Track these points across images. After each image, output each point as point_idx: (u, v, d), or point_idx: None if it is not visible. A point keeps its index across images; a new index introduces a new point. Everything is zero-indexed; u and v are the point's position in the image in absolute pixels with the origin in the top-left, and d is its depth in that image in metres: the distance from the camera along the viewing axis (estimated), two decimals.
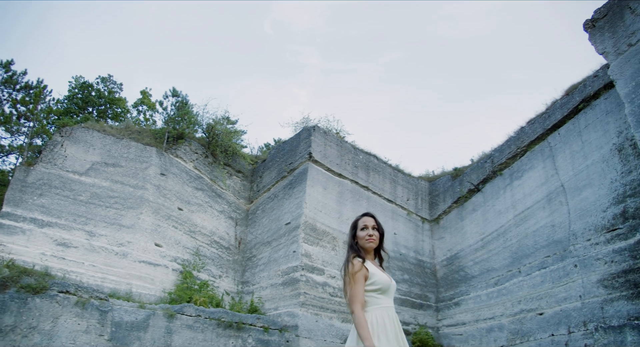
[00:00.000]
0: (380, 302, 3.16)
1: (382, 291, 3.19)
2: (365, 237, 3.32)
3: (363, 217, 3.41)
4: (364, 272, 3.15)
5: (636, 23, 9.65)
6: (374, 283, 3.16)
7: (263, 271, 13.57)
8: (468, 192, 15.26)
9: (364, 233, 3.33)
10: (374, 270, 3.21)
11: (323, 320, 12.24)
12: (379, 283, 3.17)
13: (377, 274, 3.21)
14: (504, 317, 12.48)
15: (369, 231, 3.34)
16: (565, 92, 12.27)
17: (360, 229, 3.35)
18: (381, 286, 3.18)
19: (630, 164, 9.97)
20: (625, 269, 9.40)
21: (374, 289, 3.16)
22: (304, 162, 14.04)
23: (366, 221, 3.38)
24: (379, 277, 3.19)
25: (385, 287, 3.19)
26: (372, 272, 3.18)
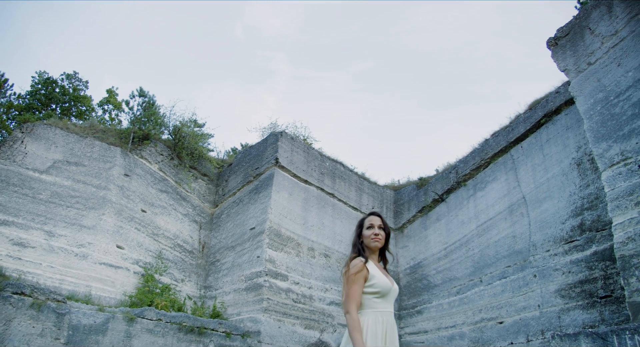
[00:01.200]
0: (377, 306, 3.06)
1: (381, 295, 3.09)
2: (371, 236, 3.23)
3: (369, 216, 3.33)
4: (364, 273, 3.06)
5: (595, 43, 10.03)
6: (373, 286, 3.07)
7: (226, 275, 13.43)
8: (432, 201, 15.48)
9: (370, 232, 3.24)
10: (375, 272, 3.12)
11: (286, 326, 12.19)
12: (378, 286, 3.07)
13: (378, 277, 3.11)
14: (465, 325, 12.68)
15: (375, 229, 3.26)
16: (528, 106, 12.63)
17: (366, 228, 3.26)
18: (380, 289, 3.08)
19: (588, 178, 10.32)
20: (582, 280, 9.71)
21: (372, 291, 3.07)
22: (270, 168, 14.01)
23: (372, 219, 3.30)
24: (379, 280, 3.09)
25: (385, 291, 3.09)
26: (372, 274, 3.09)
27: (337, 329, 13.36)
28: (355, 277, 3.01)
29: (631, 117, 8.88)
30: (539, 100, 12.27)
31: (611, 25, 9.75)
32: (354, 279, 3.01)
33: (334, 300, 13.73)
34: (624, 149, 8.89)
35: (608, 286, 9.29)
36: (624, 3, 9.56)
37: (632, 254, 8.22)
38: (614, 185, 8.93)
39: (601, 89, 9.66)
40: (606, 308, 9.22)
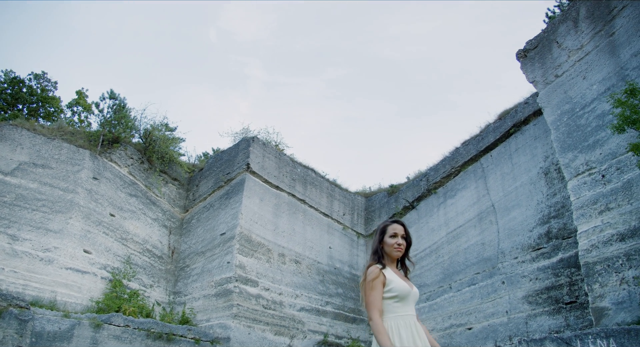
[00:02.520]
0: (397, 310, 3.07)
1: (400, 299, 3.09)
2: (394, 245, 3.23)
3: (393, 224, 3.30)
4: (382, 278, 3.06)
5: (562, 56, 10.33)
6: (391, 290, 3.07)
7: (196, 281, 13.27)
8: (403, 209, 15.63)
9: (394, 241, 3.24)
10: (392, 277, 3.12)
11: (256, 332, 12.10)
12: (396, 290, 3.08)
13: (395, 281, 3.11)
14: (435, 331, 12.81)
15: (399, 239, 3.26)
16: (498, 116, 12.90)
17: (390, 236, 3.25)
18: (398, 293, 3.09)
19: (555, 187, 10.58)
20: (548, 286, 9.93)
21: (391, 296, 3.07)
22: (242, 173, 13.95)
23: (397, 228, 3.28)
24: (396, 285, 3.10)
25: (403, 295, 3.10)
26: (389, 279, 3.09)
27: (307, 336, 13.33)
28: (373, 284, 3.03)
29: (595, 129, 9.16)
30: (509, 111, 12.55)
31: (577, 40, 10.06)
32: (372, 286, 3.03)
33: (304, 306, 13.70)
34: (589, 159, 9.16)
35: (573, 292, 9.53)
36: (589, 19, 9.89)
37: (595, 261, 8.46)
38: (579, 194, 9.19)
39: (568, 100, 9.95)
40: (571, 314, 9.45)
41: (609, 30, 9.40)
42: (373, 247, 3.28)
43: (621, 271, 8.02)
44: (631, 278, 7.85)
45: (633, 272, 7.84)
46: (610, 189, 8.60)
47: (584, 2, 10.09)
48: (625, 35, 9.04)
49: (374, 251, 3.26)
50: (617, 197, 8.43)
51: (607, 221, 8.48)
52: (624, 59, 8.99)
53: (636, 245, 7.92)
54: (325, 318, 14.18)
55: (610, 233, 8.36)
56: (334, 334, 14.12)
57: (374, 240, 3.32)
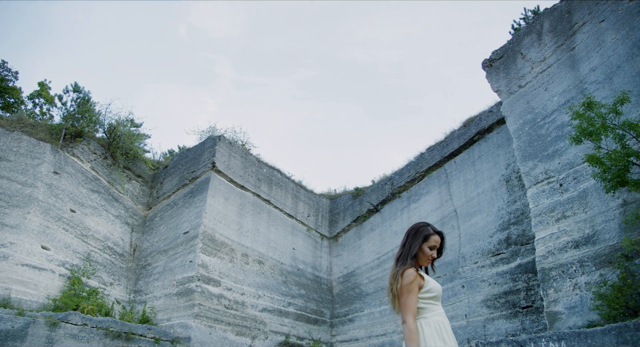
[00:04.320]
0: (436, 309, 3.10)
1: (437, 298, 3.14)
2: (430, 256, 3.22)
3: (436, 235, 3.26)
4: (419, 281, 3.05)
5: (526, 67, 10.64)
6: (430, 290, 3.09)
7: (158, 280, 13.09)
8: (367, 212, 15.78)
9: (431, 253, 3.22)
10: (427, 278, 3.15)
11: (217, 332, 12.02)
12: (434, 291, 3.11)
13: (432, 281, 3.14)
14: (395, 333, 12.97)
15: (434, 252, 3.26)
16: (463, 123, 13.17)
17: (429, 247, 3.22)
18: (436, 293, 3.12)
19: (515, 195, 10.88)
20: (506, 291, 10.21)
21: (431, 296, 3.09)
22: (207, 172, 13.84)
23: (437, 241, 3.26)
24: (434, 285, 3.13)
25: (439, 294, 3.15)
26: (427, 279, 3.12)
27: (269, 336, 13.31)
28: (411, 287, 3.01)
29: (555, 139, 9.47)
30: (473, 118, 12.83)
31: (540, 52, 10.37)
32: (410, 289, 3.01)
33: (266, 307, 13.68)
34: (548, 168, 9.45)
35: (530, 296, 9.81)
36: (552, 33, 10.21)
37: (551, 267, 8.75)
38: (537, 202, 9.48)
39: (530, 111, 10.24)
40: (527, 318, 9.73)
41: (570, 44, 9.73)
42: (413, 251, 3.20)
43: (575, 276, 8.31)
44: (583, 284, 8.15)
45: (585, 278, 8.14)
46: (567, 197, 8.90)
47: (548, 16, 10.41)
48: (585, 50, 9.37)
49: (412, 256, 3.18)
50: (573, 205, 8.74)
51: (563, 228, 8.77)
52: (583, 73, 9.32)
53: (589, 252, 8.22)
54: (287, 319, 14.18)
55: (565, 240, 8.66)
56: (295, 335, 14.14)
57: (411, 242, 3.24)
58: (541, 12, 10.83)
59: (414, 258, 3.16)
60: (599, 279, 7.83)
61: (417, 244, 3.21)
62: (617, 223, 7.94)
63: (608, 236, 8.02)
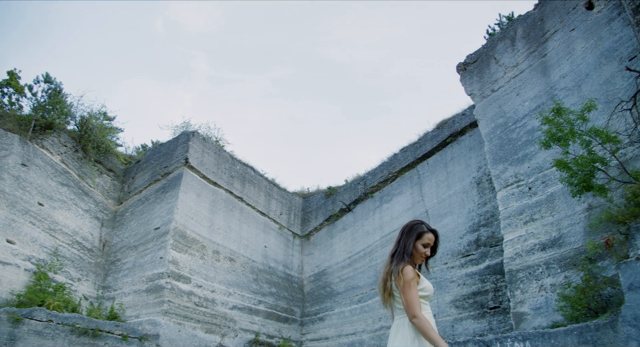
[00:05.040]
0: (425, 308, 3.15)
1: (428, 298, 3.21)
2: (423, 254, 3.29)
3: (430, 233, 3.32)
4: (417, 278, 3.13)
5: (499, 72, 10.84)
6: (424, 289, 3.16)
7: (127, 276, 12.92)
8: (340, 211, 15.85)
9: (424, 250, 3.29)
10: (422, 277, 3.22)
11: (186, 330, 11.93)
12: (427, 290, 3.19)
13: (426, 282, 3.21)
14: (365, 333, 13.08)
15: (428, 250, 3.32)
16: (436, 125, 13.33)
17: (423, 245, 3.28)
18: (429, 293, 3.20)
19: (486, 197, 11.07)
20: (475, 292, 10.39)
21: (423, 295, 3.15)
22: (180, 167, 13.73)
23: (431, 239, 3.32)
24: (427, 285, 3.21)
25: (431, 294, 3.24)
26: (422, 278, 3.19)
27: (238, 334, 13.27)
28: (411, 283, 3.06)
29: (525, 143, 9.67)
30: (447, 121, 13.00)
31: (513, 58, 10.58)
32: (411, 285, 3.06)
33: (236, 304, 13.63)
34: (518, 171, 9.65)
35: (497, 297, 10.01)
36: (525, 39, 10.42)
37: (518, 269, 8.94)
38: (507, 204, 9.67)
39: (502, 115, 10.44)
40: (495, 318, 9.92)
41: (542, 51, 9.95)
42: (408, 248, 3.25)
43: (541, 278, 8.51)
44: (549, 285, 8.35)
45: (551, 280, 8.34)
46: (535, 201, 9.10)
47: (522, 23, 10.62)
48: (556, 57, 9.60)
49: (408, 253, 3.24)
50: (541, 209, 8.94)
51: (531, 231, 8.97)
52: (553, 79, 9.54)
53: (555, 254, 8.43)
54: (257, 317, 14.16)
55: (533, 243, 8.86)
56: (265, 334, 14.13)
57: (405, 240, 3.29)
58: (515, 19, 11.04)
59: (409, 255, 3.22)
60: (564, 281, 8.04)
61: (411, 242, 3.26)
62: (582, 227, 8.16)
63: (573, 239, 8.24)
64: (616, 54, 8.48)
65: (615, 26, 8.62)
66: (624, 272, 6.08)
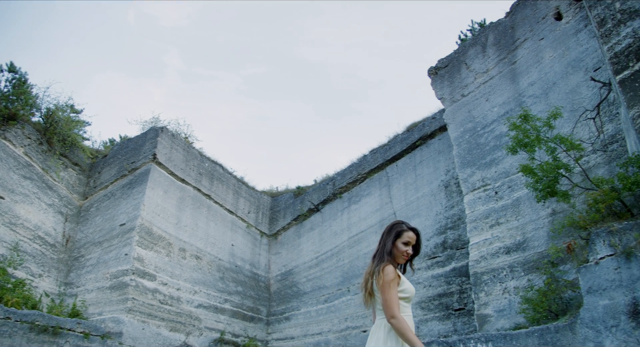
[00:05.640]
0: (406, 310, 3.15)
1: (409, 300, 3.20)
2: (405, 253, 3.27)
3: (410, 231, 3.32)
4: (398, 279, 3.11)
5: (469, 77, 11.02)
6: (404, 291, 3.15)
7: (90, 272, 12.65)
8: (308, 211, 15.86)
9: (405, 248, 3.27)
10: (403, 278, 3.20)
11: (150, 328, 11.75)
12: (408, 292, 3.17)
13: (407, 282, 3.20)
14: (331, 333, 13.11)
15: (409, 248, 3.31)
16: (406, 128, 13.47)
17: (403, 243, 3.28)
18: (409, 294, 3.18)
19: (453, 200, 11.24)
20: (440, 293, 10.53)
21: (403, 297, 3.14)
22: (147, 163, 13.52)
23: (412, 237, 3.31)
24: (408, 286, 3.19)
25: (412, 296, 3.22)
26: (402, 279, 3.17)
27: (203, 333, 13.14)
28: (392, 284, 3.06)
29: (493, 148, 9.86)
30: (417, 124, 13.14)
31: (484, 64, 10.77)
32: (391, 285, 3.06)
33: (202, 303, 13.50)
34: (485, 176, 9.84)
35: (462, 299, 10.18)
36: (496, 46, 10.63)
37: (483, 271, 9.11)
38: (473, 208, 9.84)
39: (471, 119, 10.62)
40: (459, 320, 10.08)
41: (512, 58, 10.16)
42: (387, 247, 3.26)
43: (505, 281, 8.69)
44: (512, 288, 8.53)
45: (514, 282, 8.53)
46: (501, 205, 9.29)
47: (493, 30, 10.82)
48: (525, 65, 9.81)
49: (388, 252, 3.24)
50: (507, 213, 9.13)
51: (497, 234, 9.15)
52: (522, 86, 9.76)
53: (519, 258, 8.62)
54: (223, 316, 14.05)
55: (498, 246, 9.04)
56: (231, 332, 14.03)
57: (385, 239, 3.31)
58: (487, 26, 11.24)
59: (390, 255, 3.22)
60: (527, 284, 8.23)
61: (391, 240, 3.28)
62: (545, 231, 8.36)
63: (537, 243, 8.44)
64: (582, 64, 8.72)
65: (582, 37, 8.86)
66: (583, 276, 6.26)
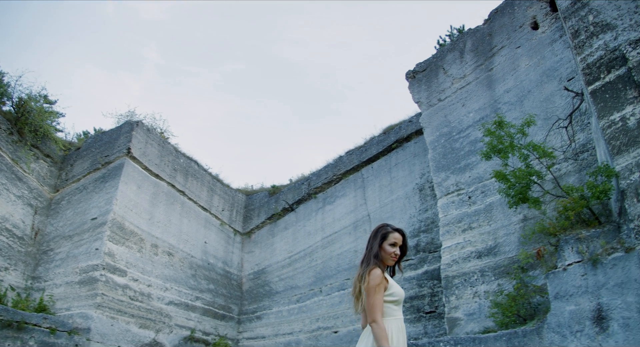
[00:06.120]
0: (395, 313, 3.19)
1: (398, 303, 3.22)
2: (392, 254, 3.30)
3: (395, 233, 3.36)
4: (385, 283, 3.15)
5: (447, 82, 11.14)
6: (392, 294, 3.18)
7: (59, 266, 12.42)
8: (282, 210, 15.84)
9: (392, 250, 3.30)
10: (392, 281, 3.23)
11: (119, 324, 11.59)
12: (396, 295, 3.20)
13: (395, 286, 3.22)
14: (302, 333, 13.12)
15: (397, 249, 3.33)
16: (383, 130, 13.55)
17: (390, 244, 3.31)
18: (398, 297, 3.21)
19: (427, 204, 11.34)
20: (412, 296, 10.63)
21: (392, 300, 3.18)
22: (122, 157, 13.33)
23: (398, 238, 3.34)
24: (397, 289, 3.22)
25: (401, 299, 3.24)
26: (391, 283, 3.20)
27: (173, 330, 13.02)
28: (377, 288, 3.09)
29: (468, 153, 9.98)
30: (393, 126, 13.23)
31: (461, 69, 10.89)
32: (377, 290, 3.09)
33: (173, 300, 13.37)
34: (459, 180, 9.95)
35: (434, 302, 10.28)
36: (473, 52, 10.76)
37: (454, 275, 9.22)
38: (447, 212, 9.95)
39: (447, 124, 10.73)
40: (430, 322, 10.19)
41: (489, 65, 10.30)
42: (374, 250, 3.29)
43: (475, 285, 8.81)
44: (483, 292, 8.66)
45: (485, 287, 8.65)
46: (474, 210, 9.41)
47: (471, 36, 10.95)
48: (501, 72, 9.96)
49: (374, 255, 3.27)
50: (479, 217, 9.26)
51: (469, 239, 9.27)
52: (498, 93, 9.90)
53: (490, 262, 8.75)
54: (194, 313, 13.94)
55: (469, 250, 9.16)
56: (201, 330, 13.93)
57: (372, 243, 3.35)
58: (465, 32, 11.37)
59: (377, 258, 3.26)
60: (497, 289, 8.36)
61: (377, 243, 3.32)
62: (516, 237, 8.50)
63: (508, 248, 8.57)
64: (556, 74, 8.89)
65: (557, 47, 9.04)
66: (551, 281, 6.39)
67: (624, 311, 5.49)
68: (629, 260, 5.57)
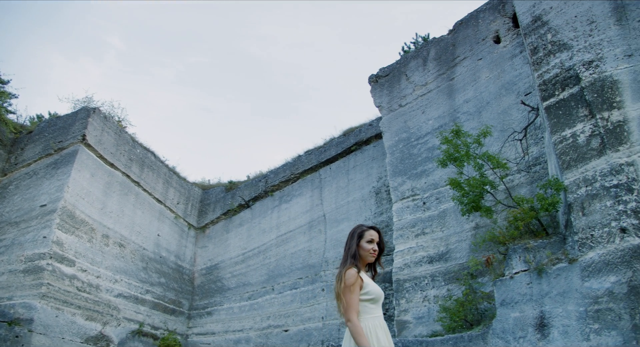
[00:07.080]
0: (372, 311, 3.21)
1: (375, 301, 3.24)
2: (370, 251, 3.33)
3: (370, 230, 3.41)
4: (360, 282, 3.16)
5: (408, 88, 11.32)
6: (368, 293, 3.19)
7: (3, 254, 11.97)
8: (238, 206, 15.75)
9: (370, 246, 3.34)
10: (368, 280, 3.24)
11: (65, 316, 11.28)
12: (372, 293, 3.21)
13: (371, 284, 3.25)
14: (253, 330, 13.09)
15: (374, 245, 3.37)
16: (343, 132, 13.66)
17: (367, 241, 3.35)
18: (374, 296, 3.23)
19: (383, 207, 11.51)
20: None
21: (368, 298, 3.20)
22: (76, 144, 12.97)
23: (374, 235, 3.39)
24: (373, 288, 3.23)
25: (378, 297, 3.26)
26: (366, 282, 3.21)
27: (121, 323, 12.76)
28: (352, 288, 3.13)
29: (425, 160, 10.19)
30: (354, 129, 13.36)
31: (423, 77, 11.10)
32: (352, 289, 3.12)
33: (122, 292, 13.11)
34: (415, 186, 10.14)
35: (384, 305, 10.44)
36: (436, 61, 10.98)
37: (406, 279, 9.40)
38: (401, 216, 10.13)
39: (406, 130, 10.91)
40: None
41: (450, 74, 10.53)
42: (351, 250, 3.34)
43: (425, 289, 9.01)
44: (432, 296, 8.86)
45: (435, 291, 8.86)
46: (428, 215, 9.62)
47: (435, 45, 11.17)
48: (462, 83, 10.21)
49: (352, 255, 3.32)
50: (433, 223, 9.46)
51: (421, 244, 9.46)
52: (457, 102, 10.14)
53: (441, 268, 8.96)
54: (143, 307, 13.70)
55: (421, 255, 9.35)
56: (150, 324, 13.70)
57: (349, 243, 3.39)
58: (430, 40, 11.59)
59: (354, 257, 3.31)
60: (446, 294, 8.57)
61: (354, 243, 3.37)
62: (468, 244, 8.74)
63: (459, 254, 8.80)
64: (515, 88, 9.18)
65: (516, 62, 9.33)
66: (498, 288, 6.61)
67: (564, 318, 5.74)
68: (572, 270, 5.83)
